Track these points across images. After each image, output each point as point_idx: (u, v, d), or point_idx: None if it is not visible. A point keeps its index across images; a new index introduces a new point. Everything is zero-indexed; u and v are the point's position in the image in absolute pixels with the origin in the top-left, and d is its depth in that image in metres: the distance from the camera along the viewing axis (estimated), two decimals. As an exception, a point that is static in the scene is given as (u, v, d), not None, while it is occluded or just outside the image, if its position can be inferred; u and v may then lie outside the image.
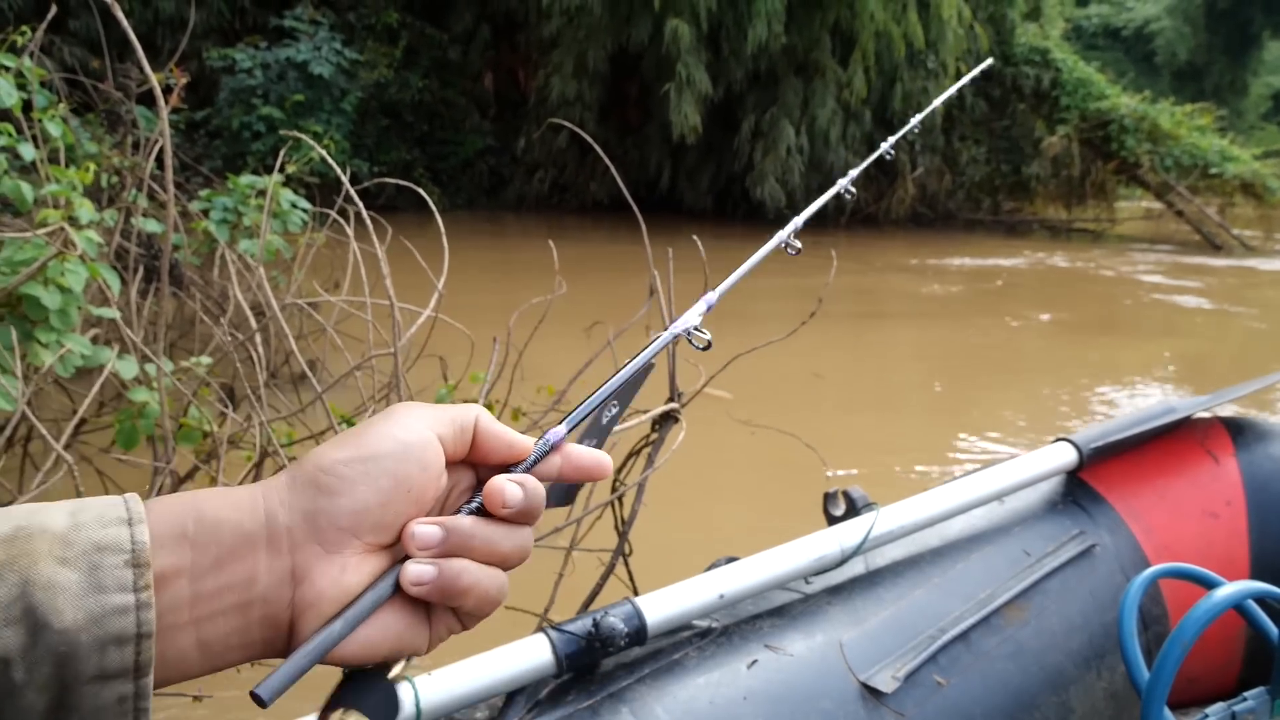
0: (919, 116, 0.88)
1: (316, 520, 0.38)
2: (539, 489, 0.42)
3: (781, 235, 0.61)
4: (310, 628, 0.37)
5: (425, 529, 0.40)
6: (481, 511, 0.41)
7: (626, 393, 0.50)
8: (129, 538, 0.35)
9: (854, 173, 0.70)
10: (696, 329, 0.51)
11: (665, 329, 0.48)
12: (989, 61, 1.23)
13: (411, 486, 0.40)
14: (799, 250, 0.61)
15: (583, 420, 0.47)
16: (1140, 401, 4.44)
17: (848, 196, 0.67)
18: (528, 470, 0.43)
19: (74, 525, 0.35)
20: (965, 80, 0.94)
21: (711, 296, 0.53)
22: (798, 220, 0.63)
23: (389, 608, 0.40)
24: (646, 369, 0.49)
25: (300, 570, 0.38)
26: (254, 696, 0.36)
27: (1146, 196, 13.95)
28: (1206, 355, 5.70)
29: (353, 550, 0.39)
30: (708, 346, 0.50)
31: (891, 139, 0.79)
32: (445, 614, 0.41)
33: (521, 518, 0.42)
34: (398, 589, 0.39)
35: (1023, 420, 4.07)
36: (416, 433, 0.40)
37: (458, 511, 0.42)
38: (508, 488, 0.41)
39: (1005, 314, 7.12)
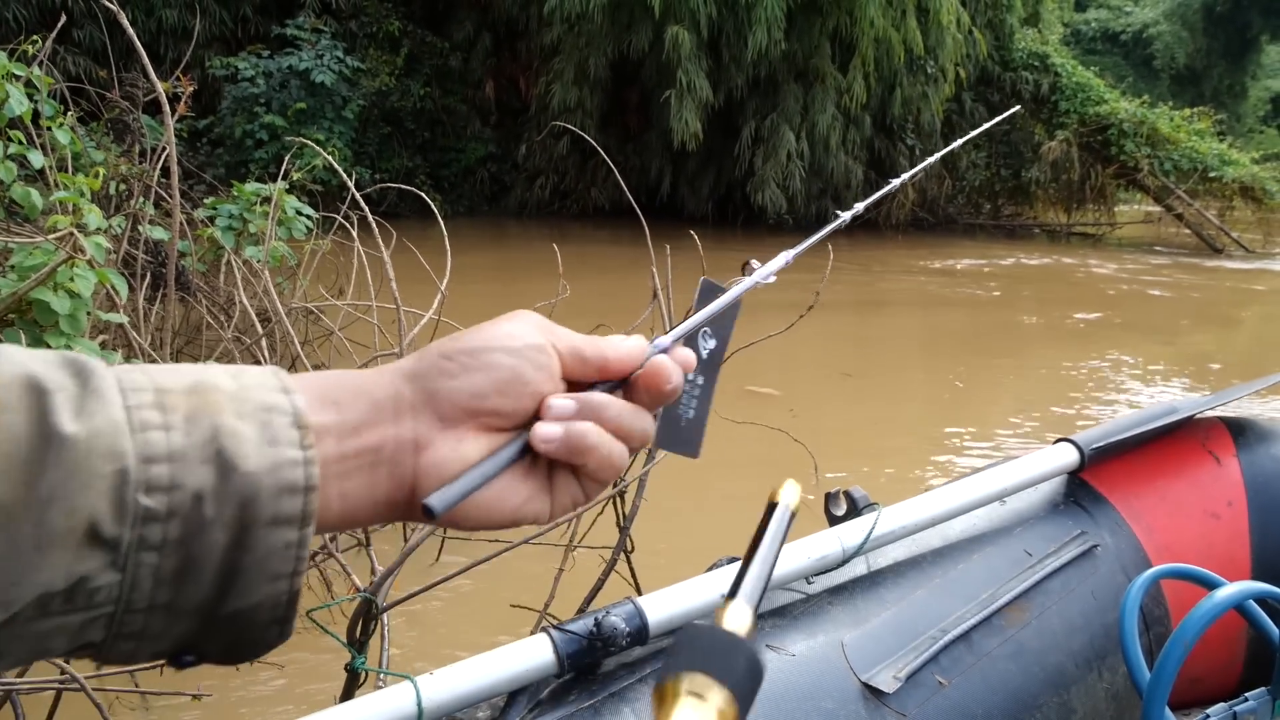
0: (991, 123, 0.93)
1: (436, 397, 0.42)
2: (680, 379, 0.47)
3: (858, 208, 0.66)
4: (427, 488, 0.41)
5: (561, 401, 0.44)
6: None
7: (721, 329, 0.54)
8: (289, 403, 0.38)
9: (926, 163, 0.76)
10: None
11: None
12: (1016, 109, 1.28)
13: (526, 381, 0.43)
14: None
15: (680, 337, 0.50)
16: (1140, 402, 4.46)
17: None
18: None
19: (241, 387, 0.38)
20: (994, 121, 0.96)
21: (789, 254, 0.57)
22: (871, 200, 0.68)
23: (514, 475, 0.44)
24: (736, 306, 0.53)
25: (422, 440, 0.42)
26: (425, 508, 0.40)
27: (1146, 200, 13.97)
28: (1206, 357, 5.71)
29: (468, 427, 0.42)
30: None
31: (953, 144, 0.85)
32: (568, 481, 0.45)
33: (660, 399, 0.46)
34: (526, 451, 0.43)
35: (1020, 420, 4.09)
36: (532, 338, 0.44)
37: (590, 388, 0.46)
38: (670, 369, 0.46)
39: (1005, 316, 7.14)
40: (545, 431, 0.43)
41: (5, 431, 0.32)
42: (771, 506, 0.41)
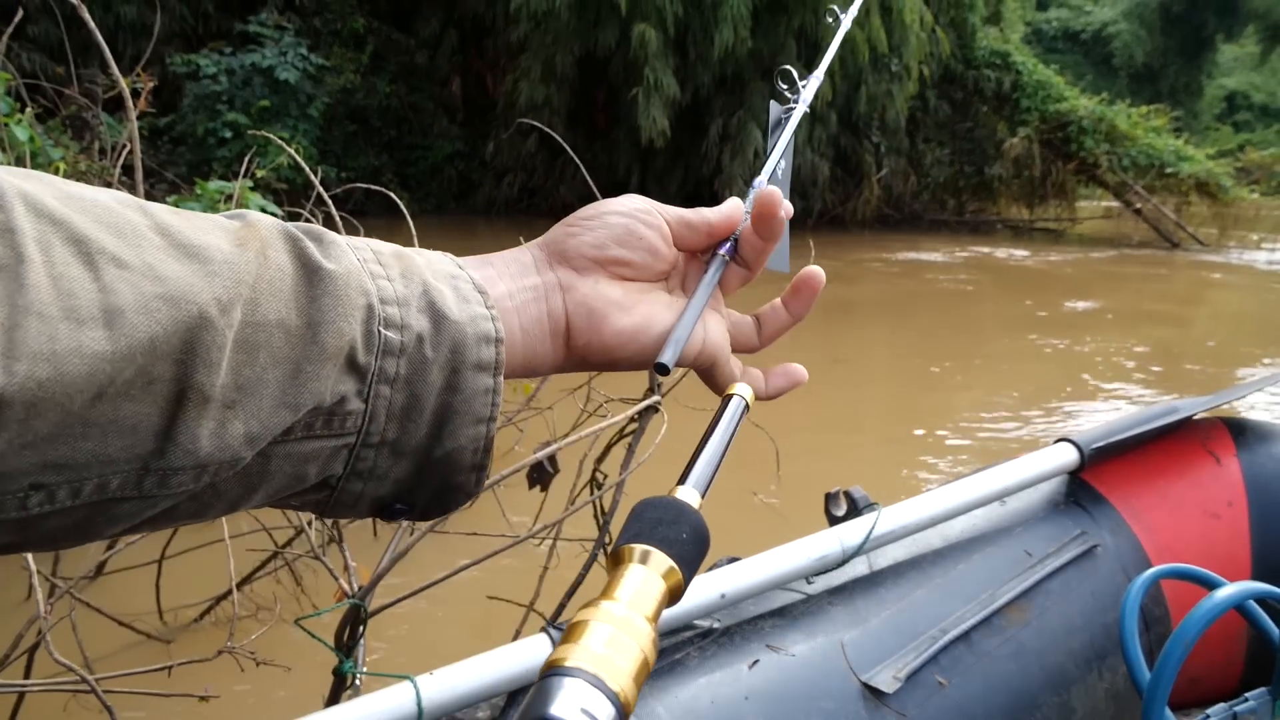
0: None
1: (566, 252, 0.48)
2: (787, 205, 0.55)
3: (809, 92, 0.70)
4: (581, 324, 0.47)
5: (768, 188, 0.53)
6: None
7: (788, 152, 0.62)
8: (464, 273, 0.44)
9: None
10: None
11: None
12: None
13: (640, 235, 0.50)
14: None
15: (773, 171, 0.59)
16: (1107, 397, 4.55)
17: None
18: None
19: (429, 260, 0.44)
20: None
21: (819, 71, 0.66)
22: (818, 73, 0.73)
23: (713, 317, 0.52)
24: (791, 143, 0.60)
25: (565, 282, 0.48)
26: (659, 366, 0.47)
27: (1105, 196, 14.22)
28: (1168, 349, 5.84)
29: (600, 274, 0.49)
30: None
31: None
32: (733, 272, 0.54)
33: (775, 230, 0.54)
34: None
35: (987, 419, 4.15)
36: (639, 204, 0.51)
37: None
38: (775, 194, 0.52)
39: (972, 311, 7.24)
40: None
41: (277, 267, 0.36)
42: (727, 398, 0.46)
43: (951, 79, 14.08)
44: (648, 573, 0.33)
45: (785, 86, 0.69)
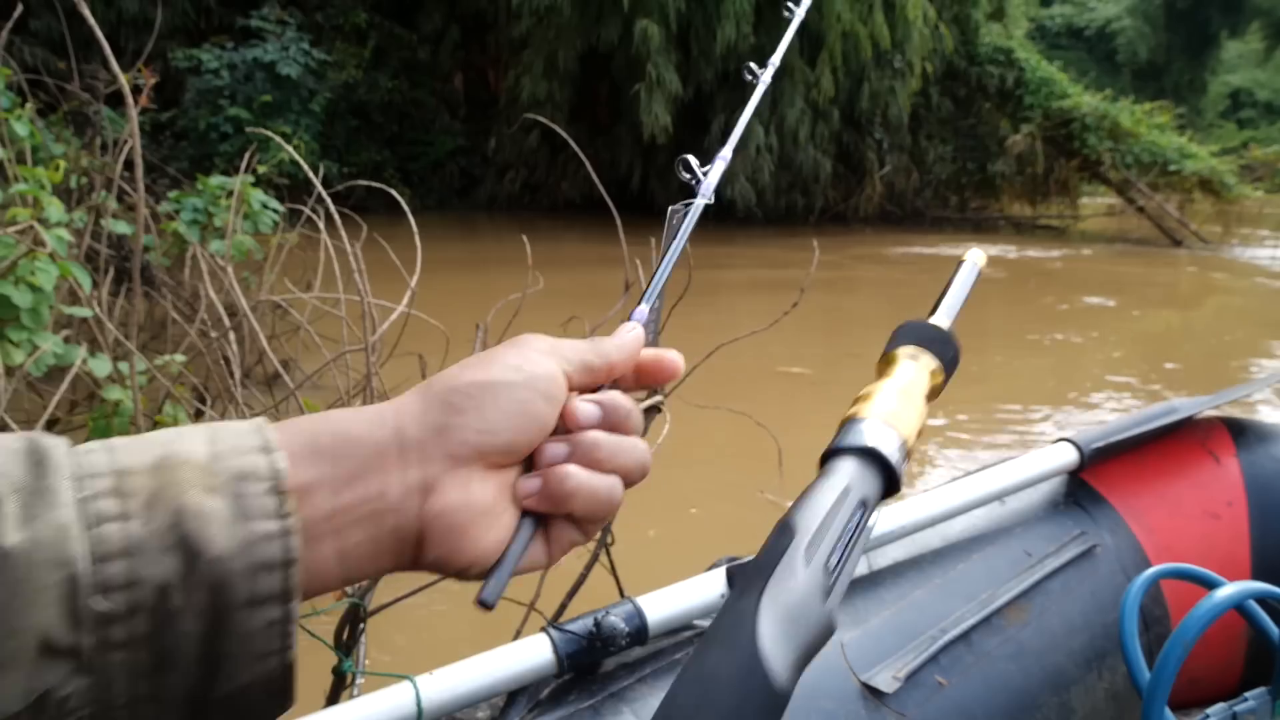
0: None
1: (446, 434, 0.40)
2: (619, 404, 0.44)
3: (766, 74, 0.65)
4: (437, 538, 0.39)
5: (552, 446, 0.43)
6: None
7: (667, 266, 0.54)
8: (268, 465, 0.36)
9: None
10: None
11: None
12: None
13: (537, 415, 0.41)
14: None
15: (659, 293, 0.51)
16: (1108, 398, 4.54)
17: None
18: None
19: (214, 455, 0.36)
20: None
21: (725, 151, 0.58)
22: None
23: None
24: (682, 251, 0.53)
25: (430, 481, 0.39)
26: (481, 603, 0.40)
27: (1108, 193, 14.20)
28: (1171, 347, 5.83)
29: (479, 466, 0.40)
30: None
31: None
32: (564, 525, 0.44)
33: (615, 428, 0.44)
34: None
35: (986, 417, 4.15)
36: (542, 366, 0.43)
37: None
38: (580, 407, 0.44)
39: (974, 308, 7.21)
40: (523, 486, 0.42)
41: None
42: (960, 264, 0.52)
43: (954, 75, 14.05)
44: (918, 367, 0.44)
45: (687, 176, 0.59)
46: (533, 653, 0.84)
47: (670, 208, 0.54)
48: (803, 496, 0.41)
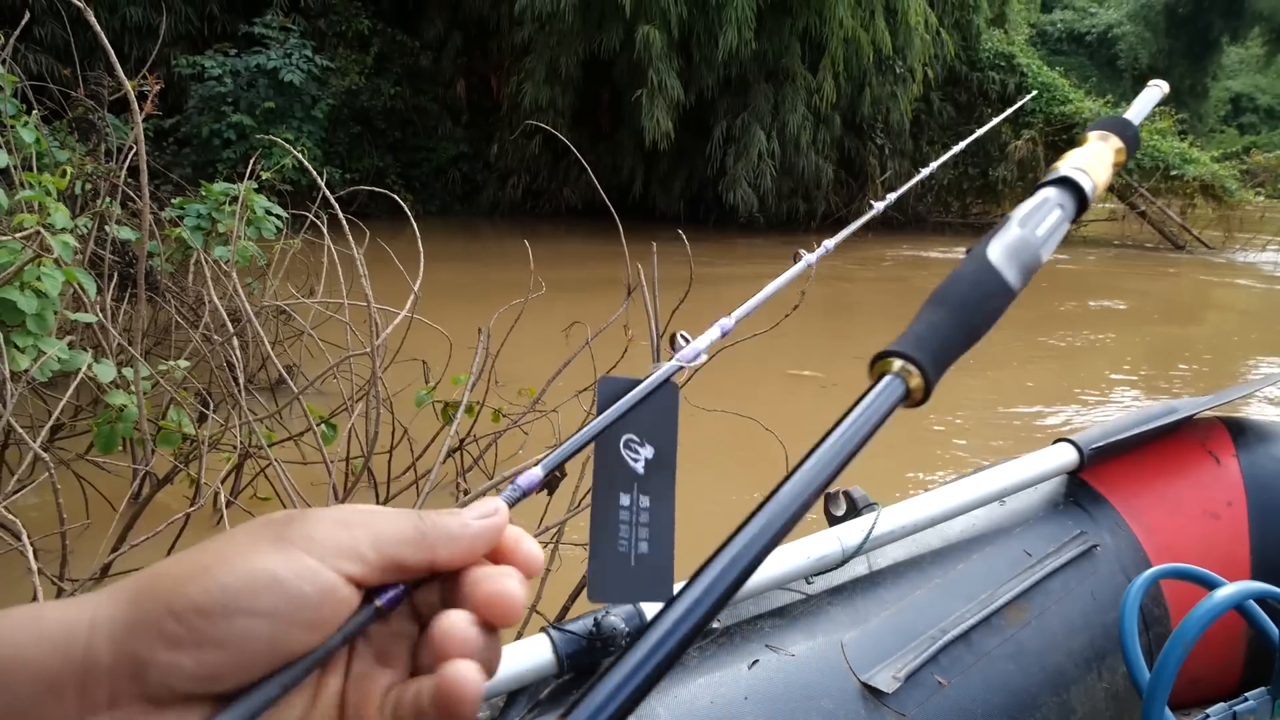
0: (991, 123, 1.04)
1: (147, 673, 0.28)
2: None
3: (810, 258, 0.60)
4: None
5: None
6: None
7: (658, 428, 0.42)
8: None
9: (893, 196, 0.71)
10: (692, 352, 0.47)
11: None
12: (1033, 93, 1.37)
13: (290, 651, 0.30)
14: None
15: (562, 464, 0.39)
16: (1111, 400, 4.54)
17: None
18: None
19: None
20: (1009, 112, 1.06)
21: (727, 322, 0.48)
22: (828, 243, 0.63)
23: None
24: (674, 396, 0.43)
25: None
26: None
27: (1109, 198, 14.19)
28: (1172, 351, 5.82)
29: (187, 709, 0.29)
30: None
31: (934, 163, 0.82)
32: None
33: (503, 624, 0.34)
34: None
35: (990, 419, 4.15)
36: (312, 579, 0.30)
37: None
38: (512, 594, 0.34)
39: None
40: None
41: None
42: (1148, 86, 0.67)
43: (956, 81, 14.07)
44: (1107, 146, 0.58)
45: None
46: (533, 653, 0.84)
47: (599, 378, 0.43)
48: (1025, 201, 0.53)
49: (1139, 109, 0.63)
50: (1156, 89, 0.66)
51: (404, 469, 2.50)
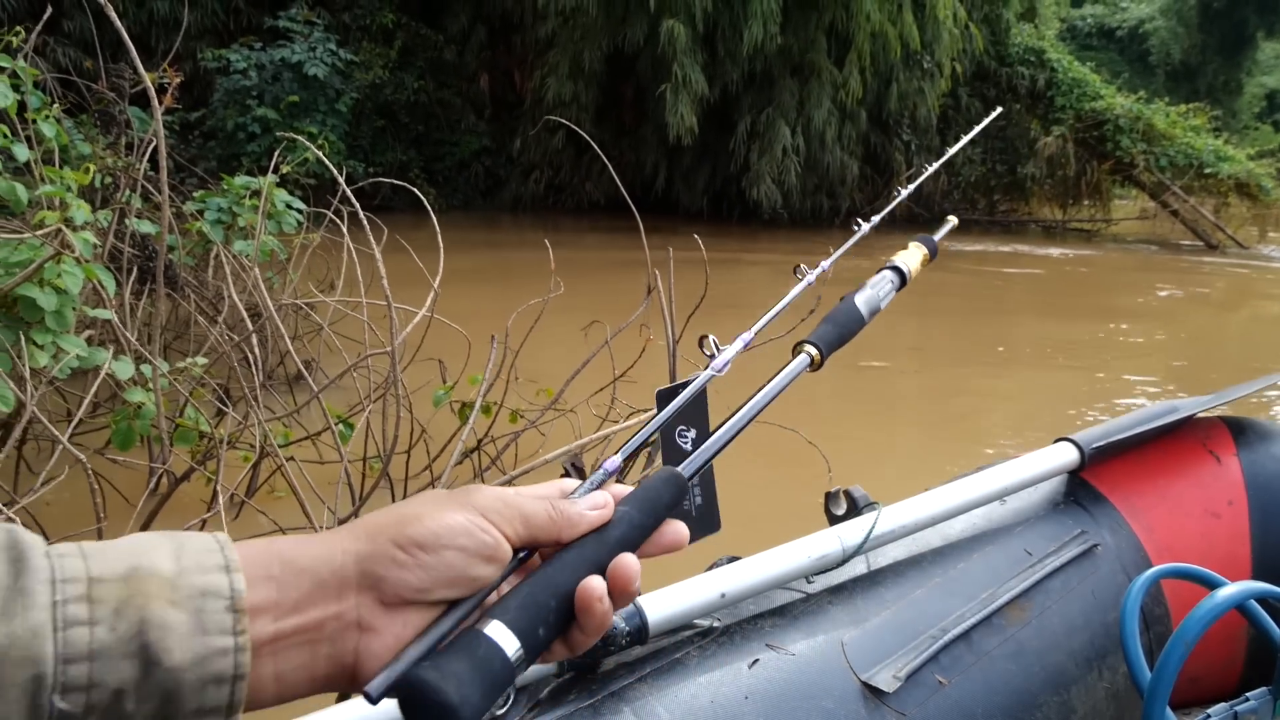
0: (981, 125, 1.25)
1: (382, 585, 0.42)
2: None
3: (810, 277, 0.77)
4: (369, 670, 0.41)
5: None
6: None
7: (695, 417, 0.57)
8: (228, 585, 0.39)
9: (875, 219, 0.99)
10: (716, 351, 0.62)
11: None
12: (999, 110, 1.42)
13: (474, 577, 0.44)
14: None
15: (638, 451, 0.52)
16: (1136, 400, 4.45)
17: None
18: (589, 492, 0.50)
19: (180, 570, 0.38)
20: (976, 130, 1.16)
21: (747, 335, 0.65)
22: (825, 264, 0.81)
23: None
24: (703, 393, 0.56)
25: (365, 622, 0.42)
26: (366, 695, 0.40)
27: (1141, 197, 13.99)
28: (1202, 354, 5.72)
29: (412, 614, 0.42)
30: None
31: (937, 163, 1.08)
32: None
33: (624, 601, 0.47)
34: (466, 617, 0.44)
35: (1014, 417, 4.08)
36: (484, 534, 0.44)
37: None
38: (631, 575, 0.47)
39: (999, 311, 7.14)
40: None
41: None
42: (946, 222, 0.91)
43: (984, 76, 13.91)
44: (921, 255, 0.92)
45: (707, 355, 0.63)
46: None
47: (657, 390, 0.58)
48: (877, 274, 0.83)
49: (940, 233, 0.94)
50: (952, 220, 1.03)
51: (422, 468, 2.48)
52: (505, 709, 0.85)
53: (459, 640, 0.42)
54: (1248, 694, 0.89)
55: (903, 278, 0.86)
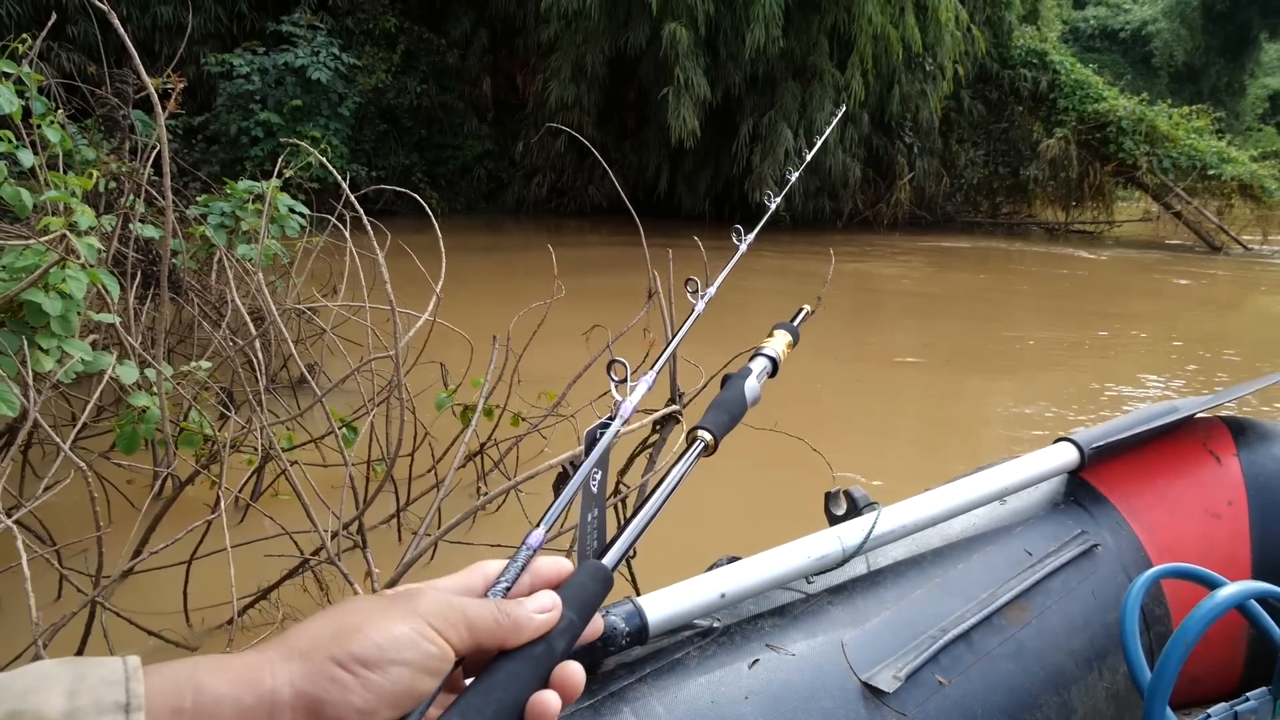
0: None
1: (322, 711, 0.38)
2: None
3: (702, 304, 0.93)
4: None
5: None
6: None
7: (603, 463, 0.59)
8: None
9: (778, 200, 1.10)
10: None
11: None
12: (843, 109, 1.49)
13: (421, 694, 0.41)
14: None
15: (556, 518, 0.53)
16: (1138, 402, 4.45)
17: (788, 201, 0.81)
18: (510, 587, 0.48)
19: (70, 711, 0.35)
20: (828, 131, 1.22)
21: (650, 376, 0.70)
22: (749, 237, 1.00)
23: None
24: (596, 471, 0.58)
25: None
26: None
27: (1144, 198, 13.97)
28: (1203, 355, 5.71)
29: None
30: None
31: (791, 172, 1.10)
32: None
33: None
34: None
35: (1016, 418, 4.07)
36: (430, 644, 0.41)
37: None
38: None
39: (1000, 312, 7.13)
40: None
41: None
42: (801, 311, 0.93)
43: (987, 78, 13.90)
44: (784, 337, 0.95)
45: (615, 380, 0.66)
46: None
47: (586, 430, 0.60)
48: (740, 371, 0.86)
49: (797, 321, 1.00)
50: (809, 309, 1.05)
51: (425, 470, 2.48)
52: None
53: None
54: (1248, 694, 0.89)
55: (775, 363, 0.94)
